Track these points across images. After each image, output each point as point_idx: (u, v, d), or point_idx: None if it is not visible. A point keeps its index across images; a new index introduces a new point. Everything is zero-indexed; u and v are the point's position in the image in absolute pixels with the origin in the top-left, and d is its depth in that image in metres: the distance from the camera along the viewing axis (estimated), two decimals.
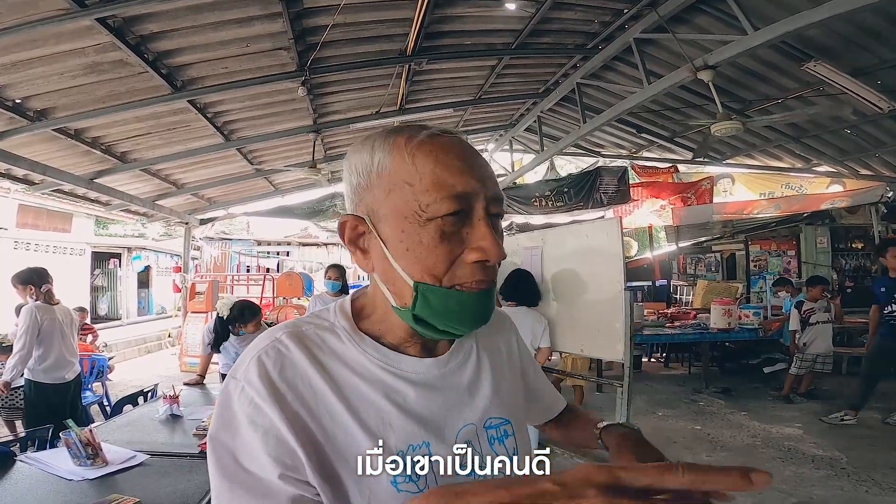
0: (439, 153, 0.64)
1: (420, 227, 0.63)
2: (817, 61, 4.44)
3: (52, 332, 3.61)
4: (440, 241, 0.63)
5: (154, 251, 14.95)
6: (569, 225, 7.06)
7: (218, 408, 0.62)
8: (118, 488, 1.87)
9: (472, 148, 0.68)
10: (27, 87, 4.11)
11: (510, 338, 0.88)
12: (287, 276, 10.03)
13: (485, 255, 0.63)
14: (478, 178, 0.65)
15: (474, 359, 0.76)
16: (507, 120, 7.95)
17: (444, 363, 0.72)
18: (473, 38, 5.01)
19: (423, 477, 0.62)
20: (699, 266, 11.74)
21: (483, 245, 0.63)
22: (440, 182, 0.63)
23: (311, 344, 0.67)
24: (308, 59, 4.48)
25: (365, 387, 0.65)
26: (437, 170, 0.63)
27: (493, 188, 0.66)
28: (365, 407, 0.64)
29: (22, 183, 6.07)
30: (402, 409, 0.65)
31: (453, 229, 0.63)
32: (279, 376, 0.62)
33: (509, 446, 0.72)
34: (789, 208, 8.44)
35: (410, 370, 0.68)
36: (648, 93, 4.65)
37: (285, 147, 6.93)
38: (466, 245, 0.64)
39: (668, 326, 7.06)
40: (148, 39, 3.82)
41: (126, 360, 9.12)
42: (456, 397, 0.70)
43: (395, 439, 0.63)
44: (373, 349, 0.68)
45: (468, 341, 0.77)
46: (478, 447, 0.69)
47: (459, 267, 0.63)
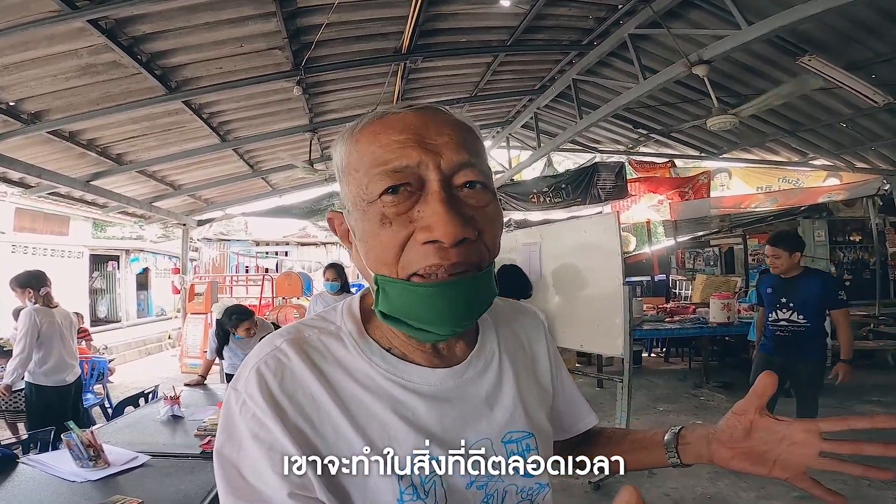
0: (381, 132, 0.59)
1: (365, 212, 0.59)
2: (811, 55, 4.44)
3: (51, 335, 3.62)
4: (381, 225, 0.57)
5: (152, 253, 14.95)
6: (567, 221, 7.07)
7: (222, 420, 0.60)
8: (120, 489, 1.89)
9: (430, 116, 0.60)
10: (21, 89, 4.09)
11: (538, 339, 0.80)
12: (286, 276, 10.02)
13: (430, 233, 0.55)
14: (426, 147, 0.57)
15: (496, 366, 0.70)
16: (504, 117, 7.94)
17: (461, 373, 0.66)
18: (468, 35, 5.00)
19: (432, 494, 0.60)
20: (698, 260, 11.77)
21: (430, 221, 0.55)
22: (377, 160, 0.58)
23: (313, 352, 0.63)
24: (303, 58, 4.47)
25: (370, 400, 0.61)
26: (375, 149, 0.58)
27: (455, 154, 0.58)
28: (369, 421, 0.60)
29: (18, 186, 6.05)
30: (410, 424, 0.61)
31: (399, 209, 0.57)
32: (279, 388, 0.59)
33: (530, 460, 0.66)
34: (786, 202, 8.46)
35: (421, 382, 0.63)
36: (644, 88, 4.66)
37: (282, 146, 6.92)
38: (417, 224, 0.56)
39: (668, 321, 7.08)
40: (141, 40, 3.81)
41: (127, 363, 9.13)
42: (472, 410, 0.65)
43: (401, 456, 0.59)
44: (380, 358, 0.64)
45: (490, 345, 0.71)
46: (493, 461, 0.64)
47: (411, 251, 0.56)
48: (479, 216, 0.59)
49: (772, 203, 8.41)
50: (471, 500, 0.62)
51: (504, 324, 0.76)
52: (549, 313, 3.95)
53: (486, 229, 0.59)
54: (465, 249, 0.56)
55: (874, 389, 5.84)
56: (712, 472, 3.75)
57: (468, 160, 0.59)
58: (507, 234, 5.35)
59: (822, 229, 9.47)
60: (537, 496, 0.67)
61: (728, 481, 3.67)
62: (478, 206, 0.59)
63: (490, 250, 0.60)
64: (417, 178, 0.57)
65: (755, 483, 3.65)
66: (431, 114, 0.61)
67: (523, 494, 0.66)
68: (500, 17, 4.72)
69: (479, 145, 0.63)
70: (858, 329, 6.70)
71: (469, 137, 0.61)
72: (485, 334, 0.72)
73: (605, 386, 5.95)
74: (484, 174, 0.60)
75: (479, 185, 0.59)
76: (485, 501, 0.63)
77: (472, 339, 0.70)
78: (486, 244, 0.59)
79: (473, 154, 0.60)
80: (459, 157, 0.58)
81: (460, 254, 0.56)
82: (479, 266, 0.59)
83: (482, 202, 0.59)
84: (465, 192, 0.59)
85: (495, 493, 0.64)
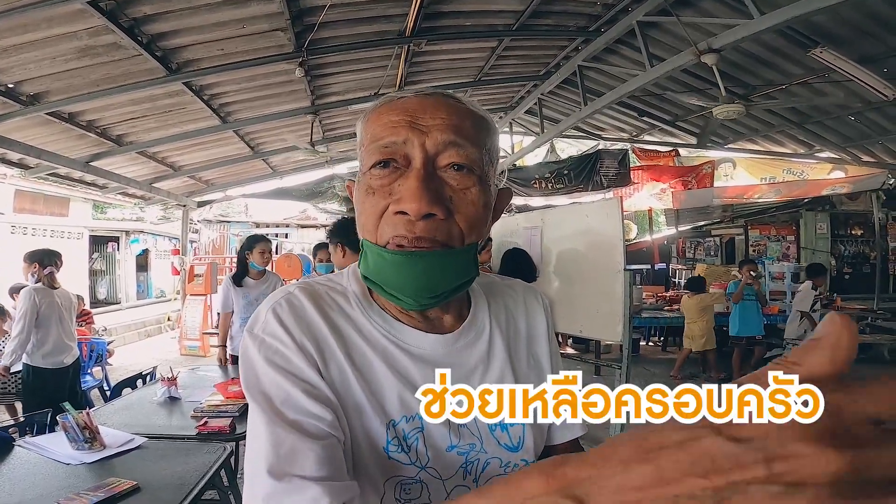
0: (384, 113, 0.63)
1: (359, 183, 0.64)
2: (823, 48, 4.37)
3: (50, 315, 3.61)
4: (367, 195, 0.62)
5: (152, 234, 14.91)
6: (569, 206, 7.05)
7: (242, 366, 0.62)
8: (116, 471, 1.89)
9: (433, 101, 0.63)
10: (20, 71, 4.05)
11: (538, 317, 0.80)
12: (286, 257, 10.00)
13: (399, 205, 0.59)
14: (416, 127, 0.60)
15: (486, 338, 0.71)
16: (508, 102, 7.87)
17: (452, 341, 0.68)
18: (474, 18, 4.93)
19: (414, 448, 0.62)
20: (698, 250, 11.75)
21: (402, 194, 0.59)
22: (374, 137, 0.62)
23: (322, 301, 0.66)
24: (305, 40, 4.41)
25: (370, 351, 0.64)
26: (375, 127, 0.63)
27: (442, 135, 0.60)
28: (367, 369, 0.64)
29: (17, 167, 6.03)
30: (402, 380, 0.64)
31: (383, 182, 0.61)
32: (295, 323, 0.62)
33: (514, 434, 0.69)
34: (790, 193, 8.41)
35: (413, 343, 0.66)
36: (651, 76, 4.59)
37: (283, 128, 6.87)
38: (393, 197, 0.60)
39: (667, 309, 7.08)
40: (141, 22, 3.76)
41: (126, 345, 9.16)
42: (461, 377, 0.67)
43: (390, 406, 0.62)
44: (378, 317, 0.67)
45: (481, 318, 0.73)
46: (475, 431, 0.66)
47: (386, 221, 0.61)
48: (457, 197, 0.61)
49: (776, 194, 8.37)
50: (450, 464, 0.65)
51: (499, 300, 0.78)
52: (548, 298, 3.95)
53: (460, 210, 0.61)
54: (431, 225, 0.59)
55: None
56: None
57: (454, 140, 0.61)
58: (508, 217, 5.30)
59: (825, 222, 9.45)
60: None
61: None
62: (458, 188, 0.61)
63: (464, 232, 0.62)
64: (404, 155, 0.61)
65: None
66: (436, 99, 0.63)
67: (506, 469, 0.68)
68: (506, 0, 4.65)
69: (477, 132, 0.64)
70: (858, 322, 6.71)
71: (468, 123, 0.63)
72: (477, 307, 0.73)
73: (602, 373, 5.96)
74: (471, 158, 0.62)
75: (465, 169, 0.61)
76: (463, 467, 0.65)
77: (465, 312, 0.72)
78: (458, 225, 0.61)
79: (463, 136, 0.61)
80: (445, 137, 0.60)
81: (426, 228, 0.59)
82: (447, 244, 0.61)
83: (463, 185, 0.62)
84: (449, 173, 0.61)
85: (476, 461, 0.66)
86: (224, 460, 2.04)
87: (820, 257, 9.20)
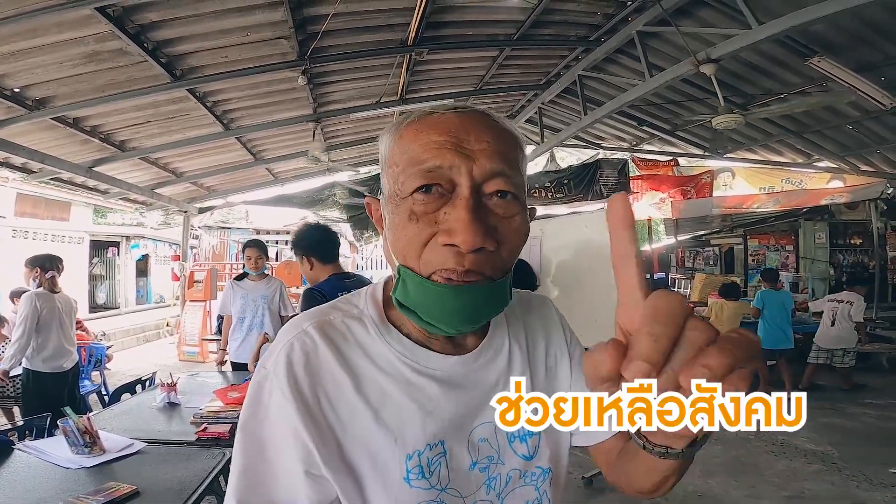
0: (423, 131, 0.61)
1: (397, 206, 0.61)
2: (822, 57, 4.41)
3: (50, 320, 3.62)
4: (408, 221, 0.59)
5: (153, 240, 14.90)
6: (568, 216, 7.05)
7: (249, 396, 0.63)
8: (115, 476, 1.88)
9: (474, 121, 0.61)
10: (26, 76, 4.08)
11: (552, 324, 0.80)
12: (286, 264, 10.00)
13: (450, 237, 0.56)
14: (462, 151, 0.58)
15: (506, 354, 0.71)
16: (508, 111, 7.90)
17: (472, 361, 0.68)
18: (475, 28, 4.97)
19: (436, 474, 0.62)
20: (697, 259, 11.78)
21: (453, 226, 0.56)
22: (414, 159, 0.60)
23: (336, 334, 0.65)
24: (308, 48, 4.44)
25: (386, 382, 0.63)
26: (414, 147, 0.60)
27: (489, 162, 0.59)
28: (384, 403, 0.63)
29: (20, 171, 6.04)
30: (422, 407, 0.63)
31: (427, 209, 0.58)
32: (304, 371, 0.61)
33: (531, 444, 0.69)
34: (789, 203, 8.42)
35: (434, 367, 0.65)
36: (650, 85, 4.63)
37: (285, 136, 6.90)
38: (440, 226, 0.58)
39: None
40: (148, 28, 3.79)
41: (125, 350, 9.14)
42: (480, 396, 0.67)
43: (412, 437, 0.62)
44: (397, 342, 0.66)
45: (500, 336, 0.72)
46: (494, 445, 0.67)
47: (432, 251, 0.58)
48: (502, 227, 0.60)
49: (775, 204, 8.39)
50: (473, 481, 0.65)
51: (516, 312, 0.77)
52: None
53: (506, 241, 0.60)
54: (481, 258, 0.58)
55: (868, 391, 5.88)
56: (704, 469, 3.78)
57: (502, 169, 0.59)
58: None
59: (823, 231, 9.47)
60: (540, 481, 0.70)
61: (719, 479, 3.70)
62: (504, 216, 0.60)
63: (507, 262, 0.61)
64: (449, 180, 0.58)
65: (745, 481, 3.69)
66: (476, 118, 0.62)
67: (526, 479, 0.68)
68: (507, 10, 4.69)
69: (517, 155, 0.63)
70: None
71: (509, 147, 0.62)
72: (496, 325, 0.73)
73: None
74: (516, 185, 0.61)
75: (510, 196, 0.60)
76: (487, 483, 0.66)
77: (484, 330, 0.72)
78: (503, 256, 0.60)
79: (509, 164, 0.60)
80: (493, 166, 0.59)
81: (475, 262, 0.57)
82: (493, 277, 0.59)
83: (509, 213, 0.60)
84: (494, 200, 0.60)
85: (498, 476, 0.66)
86: (223, 466, 2.04)
87: (819, 267, 9.22)
